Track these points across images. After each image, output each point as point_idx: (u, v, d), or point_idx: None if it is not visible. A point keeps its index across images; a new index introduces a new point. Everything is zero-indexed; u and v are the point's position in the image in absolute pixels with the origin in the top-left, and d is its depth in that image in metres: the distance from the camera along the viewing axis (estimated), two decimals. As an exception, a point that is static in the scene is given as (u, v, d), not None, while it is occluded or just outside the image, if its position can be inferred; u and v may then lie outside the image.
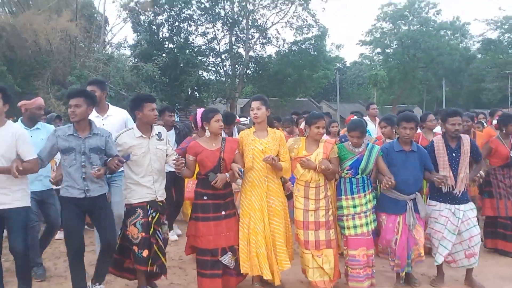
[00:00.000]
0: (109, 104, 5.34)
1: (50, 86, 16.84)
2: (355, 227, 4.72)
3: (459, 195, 4.84)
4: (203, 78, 28.65)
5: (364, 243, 4.70)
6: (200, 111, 5.06)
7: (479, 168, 5.27)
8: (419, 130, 6.65)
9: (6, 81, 15.03)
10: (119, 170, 4.37)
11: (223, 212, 4.62)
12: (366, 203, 4.76)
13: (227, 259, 4.57)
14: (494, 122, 6.86)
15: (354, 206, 4.74)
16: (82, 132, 4.22)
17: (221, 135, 4.89)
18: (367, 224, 4.73)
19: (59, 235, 6.68)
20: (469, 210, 4.86)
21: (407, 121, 4.76)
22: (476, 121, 7.99)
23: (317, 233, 4.64)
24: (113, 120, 5.07)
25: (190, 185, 5.48)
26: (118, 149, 4.39)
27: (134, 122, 4.74)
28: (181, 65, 26.25)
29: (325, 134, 5.50)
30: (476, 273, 4.99)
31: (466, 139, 4.94)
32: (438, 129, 6.78)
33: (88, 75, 16.14)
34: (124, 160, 4.27)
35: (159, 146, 4.56)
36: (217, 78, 31.60)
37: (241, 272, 4.68)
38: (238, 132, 6.04)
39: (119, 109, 5.50)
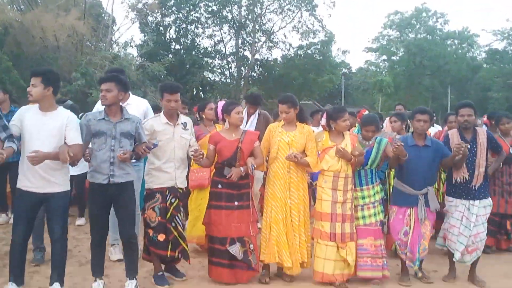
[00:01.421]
0: (130, 93, 5.33)
1: (55, 82, 16.88)
2: (363, 217, 4.85)
3: (476, 190, 4.85)
4: (208, 79, 28.78)
5: (372, 233, 4.82)
6: (221, 103, 5.26)
7: (500, 160, 5.41)
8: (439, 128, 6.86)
9: (12, 76, 15.17)
10: (136, 163, 4.41)
11: (236, 203, 4.68)
12: (374, 194, 4.91)
13: (234, 249, 4.60)
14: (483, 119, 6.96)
15: (363, 197, 4.89)
16: (113, 116, 4.26)
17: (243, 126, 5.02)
18: (375, 214, 4.87)
19: None
20: (482, 207, 4.87)
21: (421, 113, 4.85)
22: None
23: (344, 225, 4.71)
24: (132, 109, 5.01)
25: (194, 174, 5.48)
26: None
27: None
28: (187, 66, 26.35)
29: None
30: (476, 270, 5.00)
31: (482, 131, 4.96)
32: None
33: (93, 73, 16.28)
34: (152, 147, 4.33)
35: (184, 135, 4.68)
36: (222, 79, 31.69)
37: (261, 259, 4.76)
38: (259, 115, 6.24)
39: (140, 98, 5.59)
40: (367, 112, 6.35)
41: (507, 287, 4.83)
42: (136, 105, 5.21)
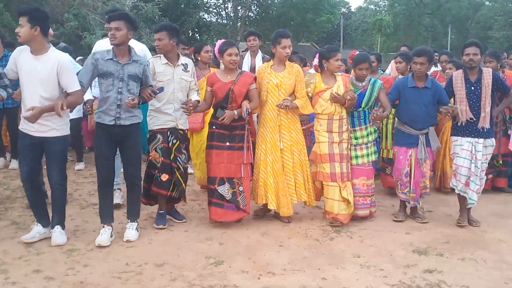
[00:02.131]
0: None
1: (48, 24, 16.48)
2: (356, 157, 4.93)
3: (480, 129, 4.80)
4: (204, 20, 28.13)
5: (365, 173, 4.93)
6: (219, 42, 5.12)
7: (508, 101, 5.23)
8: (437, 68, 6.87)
9: (3, 18, 14.81)
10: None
11: (228, 143, 4.70)
12: (368, 135, 4.97)
13: (223, 189, 4.66)
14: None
15: (356, 138, 4.94)
16: (122, 57, 4.17)
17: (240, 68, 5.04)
18: (368, 155, 4.96)
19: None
20: (484, 147, 4.83)
21: (418, 56, 4.80)
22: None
23: (342, 165, 4.79)
24: None
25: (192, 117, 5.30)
26: None
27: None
28: (182, 6, 25.68)
29: None
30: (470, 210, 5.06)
31: (487, 72, 4.86)
32: None
33: (86, 14, 15.87)
34: (158, 92, 4.29)
35: (184, 77, 4.64)
36: (218, 20, 30.96)
37: (252, 199, 4.86)
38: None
39: (138, 43, 5.46)
40: (357, 52, 6.30)
41: (499, 226, 4.93)
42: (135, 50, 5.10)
